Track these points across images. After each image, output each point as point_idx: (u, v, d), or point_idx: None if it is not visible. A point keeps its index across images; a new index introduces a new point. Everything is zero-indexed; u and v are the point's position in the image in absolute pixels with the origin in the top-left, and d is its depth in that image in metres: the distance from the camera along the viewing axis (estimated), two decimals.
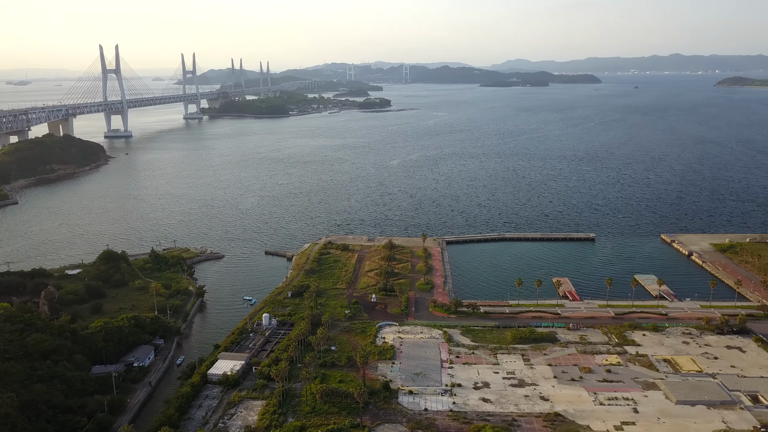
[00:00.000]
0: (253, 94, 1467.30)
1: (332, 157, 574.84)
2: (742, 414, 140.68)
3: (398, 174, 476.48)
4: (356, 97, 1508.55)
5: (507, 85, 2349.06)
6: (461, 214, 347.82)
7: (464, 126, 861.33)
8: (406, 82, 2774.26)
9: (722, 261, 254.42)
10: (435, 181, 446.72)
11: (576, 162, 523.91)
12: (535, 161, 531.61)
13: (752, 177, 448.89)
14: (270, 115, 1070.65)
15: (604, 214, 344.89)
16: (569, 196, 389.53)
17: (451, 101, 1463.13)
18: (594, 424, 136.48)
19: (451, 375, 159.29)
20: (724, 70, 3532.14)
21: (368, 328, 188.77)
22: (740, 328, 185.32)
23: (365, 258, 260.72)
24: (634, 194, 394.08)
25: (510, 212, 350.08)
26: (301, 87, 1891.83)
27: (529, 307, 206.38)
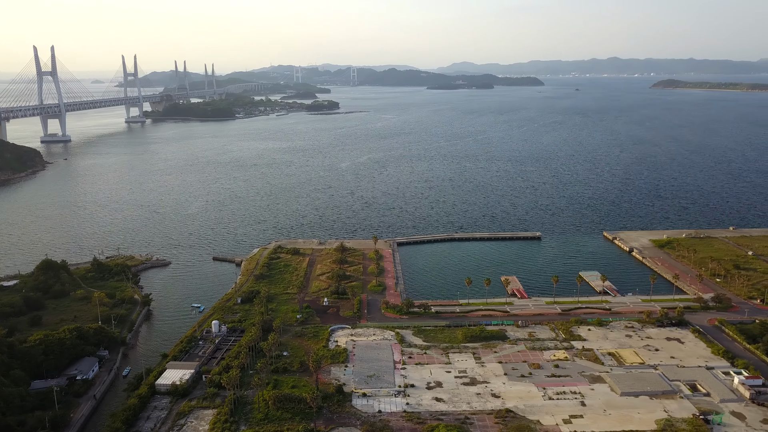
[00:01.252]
0: (198, 96, 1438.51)
1: (280, 160, 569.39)
2: (682, 402, 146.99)
3: (348, 176, 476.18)
4: (304, 99, 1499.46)
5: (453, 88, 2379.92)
6: (411, 215, 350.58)
7: (412, 128, 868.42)
8: (354, 84, 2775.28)
9: (661, 256, 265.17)
10: (385, 183, 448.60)
11: (521, 163, 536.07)
12: (482, 163, 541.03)
13: (687, 175, 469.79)
14: (216, 118, 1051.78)
15: (548, 213, 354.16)
16: (515, 197, 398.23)
17: (399, 104, 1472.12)
18: (544, 419, 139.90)
19: (404, 376, 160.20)
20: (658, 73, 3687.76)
21: (321, 332, 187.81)
22: (679, 321, 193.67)
23: (316, 261, 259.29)
24: (577, 193, 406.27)
25: (459, 213, 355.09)
26: (248, 89, 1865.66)
27: (479, 306, 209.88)
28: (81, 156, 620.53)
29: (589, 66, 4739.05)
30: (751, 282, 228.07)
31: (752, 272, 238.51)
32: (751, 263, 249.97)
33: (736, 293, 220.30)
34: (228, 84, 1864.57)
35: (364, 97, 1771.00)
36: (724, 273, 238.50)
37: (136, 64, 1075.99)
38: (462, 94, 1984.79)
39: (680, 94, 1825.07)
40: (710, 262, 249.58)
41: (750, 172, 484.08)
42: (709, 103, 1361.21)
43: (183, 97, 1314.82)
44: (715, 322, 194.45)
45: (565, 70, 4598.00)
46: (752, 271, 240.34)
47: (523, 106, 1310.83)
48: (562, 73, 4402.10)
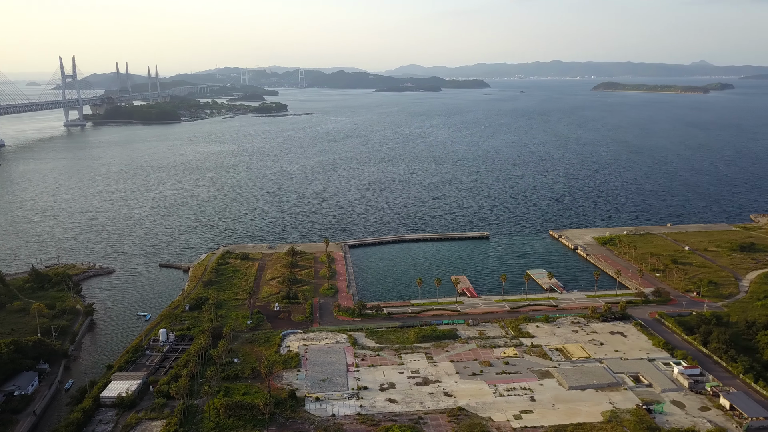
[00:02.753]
0: (142, 99, 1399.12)
1: (228, 163, 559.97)
2: (626, 394, 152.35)
3: (298, 179, 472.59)
4: (251, 101, 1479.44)
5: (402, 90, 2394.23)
6: (362, 217, 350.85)
7: (361, 131, 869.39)
8: (302, 86, 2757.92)
9: (604, 253, 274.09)
10: (335, 185, 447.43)
11: (468, 165, 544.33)
12: (430, 164, 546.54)
13: (627, 175, 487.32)
14: (160, 121, 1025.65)
15: (496, 213, 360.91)
16: (463, 198, 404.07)
17: (348, 106, 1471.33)
18: (495, 415, 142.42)
19: (357, 378, 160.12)
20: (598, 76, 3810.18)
21: (272, 337, 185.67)
22: (622, 315, 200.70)
23: (266, 266, 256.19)
24: (523, 194, 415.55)
25: (409, 214, 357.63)
26: (193, 92, 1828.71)
27: (431, 306, 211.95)
28: (16, 161, 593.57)
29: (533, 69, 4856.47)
30: (688, 276, 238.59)
31: (689, 266, 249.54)
32: (688, 258, 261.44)
33: (674, 287, 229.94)
34: (172, 86, 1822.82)
35: (313, 100, 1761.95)
36: (663, 268, 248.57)
37: (75, 66, 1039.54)
38: (410, 96, 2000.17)
39: (619, 96, 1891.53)
40: (650, 258, 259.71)
41: (685, 170, 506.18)
42: (647, 105, 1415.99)
43: (125, 100, 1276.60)
44: (655, 315, 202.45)
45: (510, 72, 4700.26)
46: (689, 265, 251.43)
47: (470, 109, 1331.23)
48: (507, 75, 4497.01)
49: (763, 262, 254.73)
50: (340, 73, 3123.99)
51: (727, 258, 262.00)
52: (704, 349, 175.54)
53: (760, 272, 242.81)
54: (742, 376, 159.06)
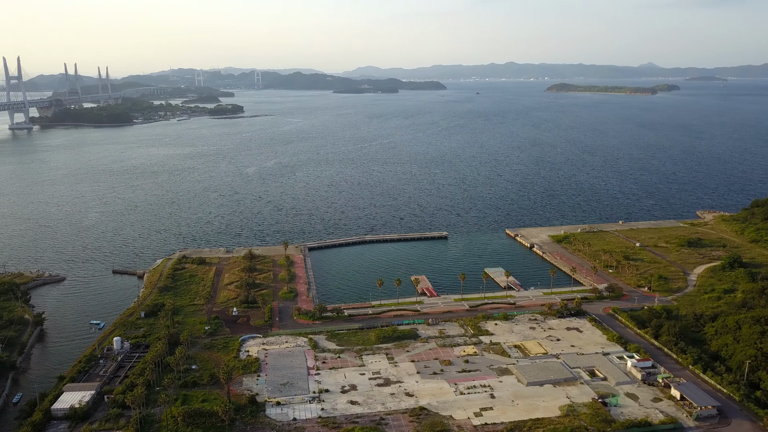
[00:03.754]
0: (92, 101, 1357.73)
1: (183, 166, 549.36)
2: (583, 388, 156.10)
3: (255, 182, 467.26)
4: (207, 103, 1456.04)
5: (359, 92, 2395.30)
6: (321, 219, 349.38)
7: (319, 132, 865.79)
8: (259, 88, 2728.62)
9: (559, 251, 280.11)
10: (293, 187, 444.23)
11: (426, 165, 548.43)
12: (389, 166, 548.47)
13: (580, 174, 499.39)
14: (112, 123, 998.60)
15: (454, 213, 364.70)
16: (422, 198, 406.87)
17: (305, 108, 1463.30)
18: (456, 414, 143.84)
19: (318, 381, 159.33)
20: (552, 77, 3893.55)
21: (231, 342, 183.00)
22: (577, 311, 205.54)
23: (224, 271, 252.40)
24: (480, 194, 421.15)
25: (368, 216, 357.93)
26: (146, 94, 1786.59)
27: (391, 307, 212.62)
28: None
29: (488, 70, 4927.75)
30: (639, 271, 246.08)
31: (640, 262, 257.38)
32: (639, 254, 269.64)
33: (626, 282, 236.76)
34: (124, 88, 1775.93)
35: (270, 101, 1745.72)
36: (616, 264, 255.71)
37: (20, 66, 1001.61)
38: (368, 98, 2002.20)
39: (572, 97, 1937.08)
40: (603, 255, 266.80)
41: (635, 169, 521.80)
42: (598, 106, 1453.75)
43: (75, 102, 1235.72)
44: (609, 311, 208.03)
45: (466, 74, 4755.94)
46: (640, 261, 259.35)
47: (427, 110, 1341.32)
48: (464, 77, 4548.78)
49: (709, 257, 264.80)
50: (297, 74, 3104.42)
51: (676, 253, 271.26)
52: (655, 342, 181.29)
53: (707, 266, 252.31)
54: (692, 367, 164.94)
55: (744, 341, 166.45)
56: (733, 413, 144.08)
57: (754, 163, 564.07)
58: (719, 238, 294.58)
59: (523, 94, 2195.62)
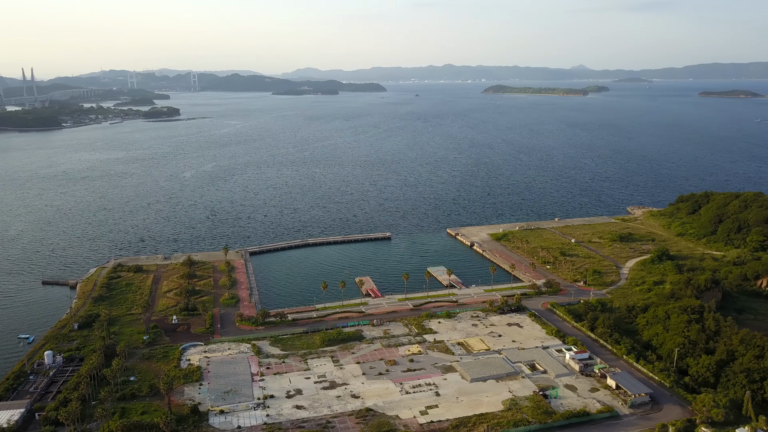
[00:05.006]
0: (16, 104, 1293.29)
1: (116, 171, 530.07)
2: (524, 382, 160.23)
3: (193, 186, 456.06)
4: (141, 106, 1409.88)
5: (299, 94, 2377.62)
6: (262, 223, 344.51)
7: (259, 135, 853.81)
8: (195, 90, 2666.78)
9: (498, 248, 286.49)
10: (232, 191, 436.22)
11: (368, 167, 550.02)
12: (330, 168, 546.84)
13: (517, 174, 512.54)
14: (38, 127, 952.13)
15: (396, 214, 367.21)
16: (364, 200, 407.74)
17: (244, 110, 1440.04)
18: (402, 413, 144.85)
19: (262, 387, 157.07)
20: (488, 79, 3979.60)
21: (171, 351, 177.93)
22: (517, 307, 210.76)
23: (162, 278, 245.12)
24: (422, 194, 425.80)
25: (310, 218, 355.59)
26: (76, 96, 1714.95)
27: (336, 309, 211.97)
28: None
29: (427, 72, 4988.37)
30: (575, 266, 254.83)
31: (575, 258, 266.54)
32: (574, 250, 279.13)
33: (563, 277, 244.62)
34: (52, 90, 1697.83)
35: (207, 103, 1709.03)
36: (553, 260, 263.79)
37: None
38: (308, 99, 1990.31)
39: (508, 98, 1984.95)
40: (541, 251, 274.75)
41: (569, 168, 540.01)
42: (533, 107, 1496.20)
43: None
44: (547, 306, 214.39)
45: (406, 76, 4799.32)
46: (575, 256, 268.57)
47: (368, 112, 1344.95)
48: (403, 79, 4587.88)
49: (640, 251, 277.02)
50: (234, 76, 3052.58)
51: (609, 248, 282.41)
52: (592, 334, 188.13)
53: (638, 260, 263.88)
54: (626, 356, 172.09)
55: (673, 330, 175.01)
56: (665, 399, 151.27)
57: (678, 160, 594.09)
58: (648, 233, 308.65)
59: (461, 95, 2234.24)
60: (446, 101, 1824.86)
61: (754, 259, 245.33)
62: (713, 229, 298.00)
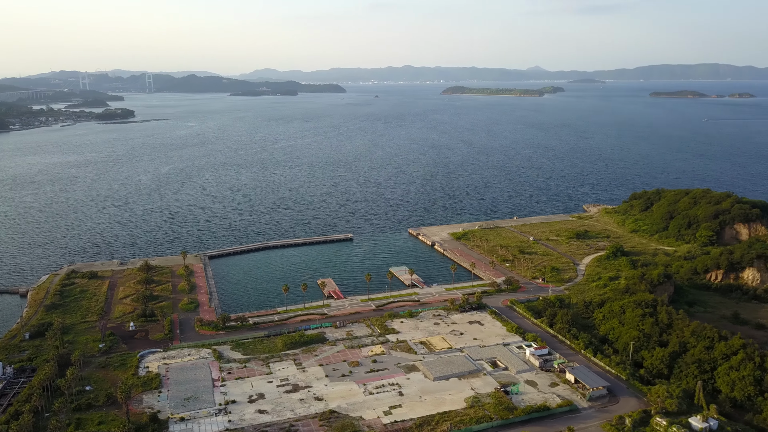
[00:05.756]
0: None
1: (68, 175, 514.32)
2: (486, 379, 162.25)
3: (149, 189, 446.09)
4: (94, 108, 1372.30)
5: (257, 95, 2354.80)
6: (221, 226, 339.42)
7: (216, 136, 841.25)
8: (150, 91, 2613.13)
9: (459, 247, 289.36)
10: (190, 194, 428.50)
11: (329, 168, 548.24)
12: (290, 169, 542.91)
13: (476, 174, 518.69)
14: None
15: (358, 215, 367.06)
16: (325, 201, 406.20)
17: (201, 111, 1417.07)
18: (366, 414, 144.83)
19: (224, 393, 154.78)
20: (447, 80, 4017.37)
21: (128, 359, 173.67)
22: (478, 304, 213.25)
23: (118, 284, 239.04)
24: (383, 195, 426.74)
25: (271, 221, 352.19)
26: (24, 98, 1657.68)
27: (298, 312, 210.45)
28: None
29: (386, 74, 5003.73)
30: (534, 264, 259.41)
31: (534, 255, 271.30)
32: (533, 247, 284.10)
33: (522, 275, 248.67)
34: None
35: (163, 105, 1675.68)
36: (512, 258, 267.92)
37: None
38: (266, 101, 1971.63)
39: (467, 99, 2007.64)
40: (500, 249, 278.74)
41: (527, 168, 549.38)
42: (491, 108, 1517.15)
43: None
44: (507, 303, 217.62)
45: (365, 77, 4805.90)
46: (534, 254, 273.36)
47: (327, 113, 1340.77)
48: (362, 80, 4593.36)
49: (596, 247, 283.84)
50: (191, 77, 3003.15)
51: (566, 245, 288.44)
52: (551, 330, 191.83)
53: (593, 256, 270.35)
54: (584, 351, 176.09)
55: (628, 324, 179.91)
56: (621, 391, 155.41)
57: (631, 159, 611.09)
58: (604, 230, 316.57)
59: (421, 96, 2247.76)
60: (406, 102, 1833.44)
61: (704, 253, 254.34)
62: (665, 225, 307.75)
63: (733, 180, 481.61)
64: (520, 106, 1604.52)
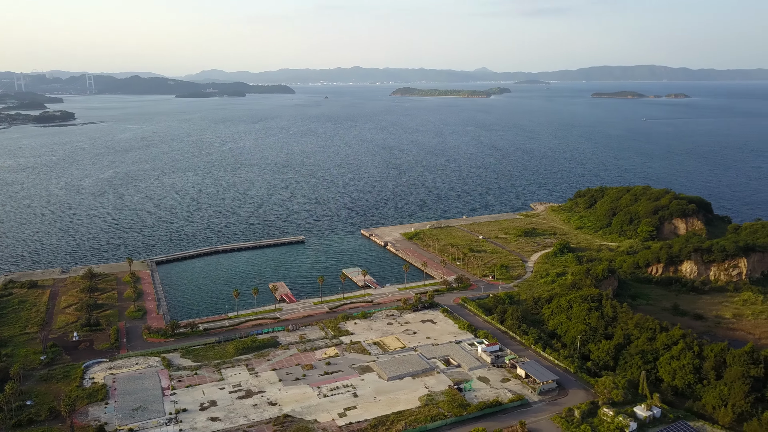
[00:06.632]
0: None
1: (3, 180, 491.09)
2: (439, 377, 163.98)
3: (92, 194, 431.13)
4: (30, 110, 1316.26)
5: (204, 96, 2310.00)
6: (168, 231, 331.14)
7: (162, 139, 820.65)
8: (92, 93, 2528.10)
9: (411, 247, 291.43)
10: (135, 199, 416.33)
11: (279, 170, 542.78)
12: (239, 172, 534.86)
13: (426, 174, 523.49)
14: None
15: (310, 217, 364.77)
16: (276, 204, 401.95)
17: (146, 113, 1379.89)
18: (320, 417, 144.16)
19: (174, 402, 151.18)
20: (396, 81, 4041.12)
21: (72, 371, 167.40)
22: (430, 303, 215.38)
23: (60, 293, 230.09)
24: (335, 197, 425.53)
25: (220, 224, 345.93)
26: None
27: (249, 316, 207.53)
28: None
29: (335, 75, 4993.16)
30: (484, 262, 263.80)
31: (484, 253, 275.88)
32: (482, 246, 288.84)
33: (473, 273, 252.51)
34: None
35: (105, 107, 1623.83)
36: (463, 256, 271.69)
37: None
38: (213, 102, 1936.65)
39: (416, 100, 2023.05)
40: (451, 248, 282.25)
41: (476, 168, 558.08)
42: (440, 109, 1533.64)
43: None
44: (459, 301, 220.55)
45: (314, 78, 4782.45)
46: (483, 252, 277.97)
47: (277, 114, 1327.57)
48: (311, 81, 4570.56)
49: (543, 244, 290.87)
50: (135, 78, 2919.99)
51: (515, 243, 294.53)
52: (501, 326, 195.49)
53: (541, 253, 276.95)
54: (533, 346, 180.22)
55: (575, 318, 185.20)
56: (570, 384, 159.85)
57: (575, 157, 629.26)
58: (550, 227, 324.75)
59: (370, 98, 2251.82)
60: (355, 103, 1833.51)
61: (645, 248, 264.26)
62: (608, 221, 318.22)
63: (670, 177, 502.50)
64: (468, 107, 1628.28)
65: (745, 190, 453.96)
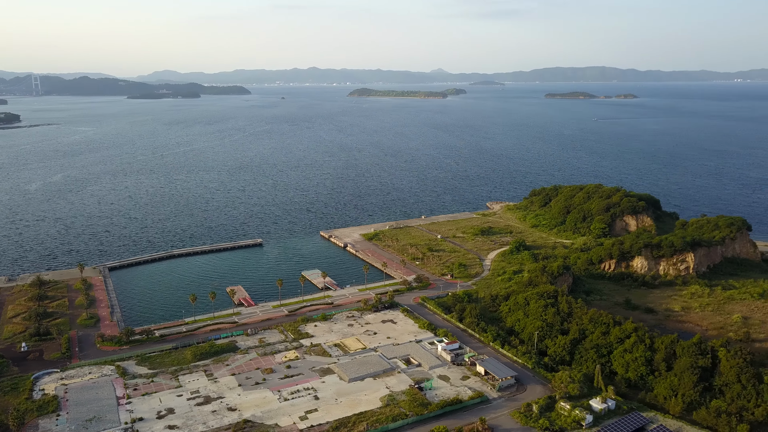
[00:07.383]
0: None
1: None
2: (400, 377, 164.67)
3: (38, 199, 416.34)
4: None
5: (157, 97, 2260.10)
6: (121, 236, 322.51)
7: (113, 141, 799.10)
8: (38, 94, 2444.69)
9: (371, 248, 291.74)
10: (86, 203, 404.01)
11: (235, 172, 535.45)
12: (194, 174, 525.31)
13: (385, 175, 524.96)
14: None
15: (267, 219, 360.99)
16: (232, 206, 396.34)
17: (96, 115, 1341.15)
18: (281, 421, 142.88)
19: (130, 411, 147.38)
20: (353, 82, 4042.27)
21: (21, 382, 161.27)
22: (390, 303, 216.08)
23: (7, 302, 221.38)
24: (293, 198, 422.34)
25: (175, 228, 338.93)
26: None
27: (207, 321, 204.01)
28: None
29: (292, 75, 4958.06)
30: (442, 261, 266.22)
31: (442, 252, 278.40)
32: (441, 245, 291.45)
33: (432, 272, 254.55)
34: None
35: (53, 108, 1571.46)
36: (422, 256, 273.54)
37: None
38: (166, 103, 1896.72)
39: (373, 101, 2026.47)
40: (410, 248, 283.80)
41: (433, 168, 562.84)
42: (397, 110, 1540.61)
43: None
44: (419, 300, 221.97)
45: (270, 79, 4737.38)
46: (442, 251, 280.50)
47: (232, 115, 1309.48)
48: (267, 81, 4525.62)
49: (500, 243, 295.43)
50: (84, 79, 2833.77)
51: (472, 242, 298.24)
52: (461, 324, 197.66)
53: (498, 252, 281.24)
54: (492, 343, 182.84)
55: (532, 315, 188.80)
56: (528, 380, 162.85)
57: (530, 157, 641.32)
58: (506, 226, 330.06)
59: (327, 98, 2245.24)
60: (313, 104, 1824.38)
61: (598, 245, 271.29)
62: (562, 219, 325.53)
63: (621, 175, 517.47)
64: (425, 108, 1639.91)
65: (692, 187, 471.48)
